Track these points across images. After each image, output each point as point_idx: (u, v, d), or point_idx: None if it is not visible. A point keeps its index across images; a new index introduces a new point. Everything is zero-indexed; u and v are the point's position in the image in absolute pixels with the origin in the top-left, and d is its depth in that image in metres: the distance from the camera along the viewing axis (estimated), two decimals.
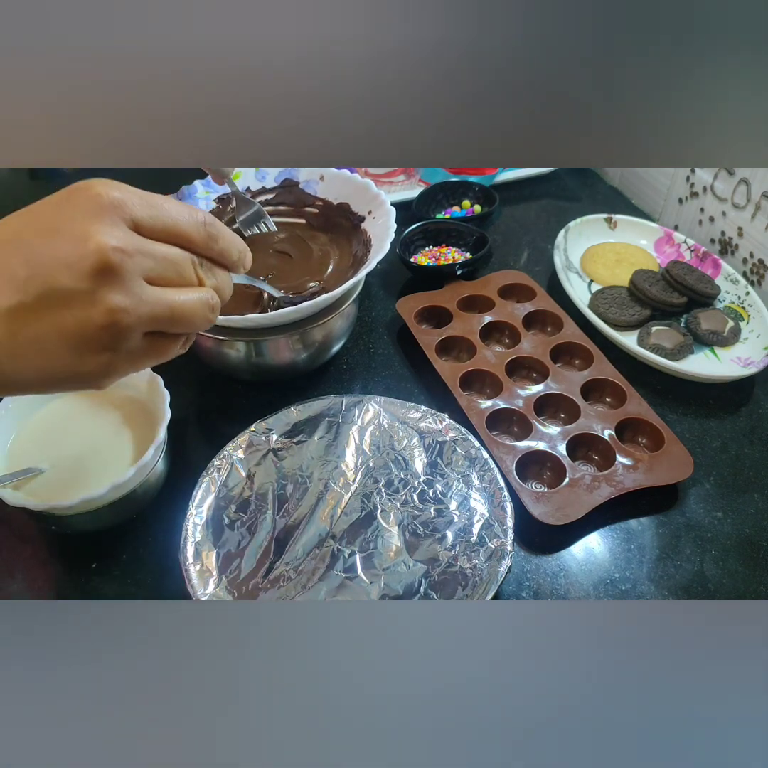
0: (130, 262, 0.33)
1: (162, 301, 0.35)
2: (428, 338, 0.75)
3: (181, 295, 0.36)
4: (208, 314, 0.37)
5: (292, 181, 0.78)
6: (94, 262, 0.32)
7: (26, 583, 0.57)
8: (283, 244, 0.73)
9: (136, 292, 0.33)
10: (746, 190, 0.83)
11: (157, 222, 0.34)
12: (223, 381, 0.73)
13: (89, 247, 0.32)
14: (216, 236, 0.37)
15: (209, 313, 0.37)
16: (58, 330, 0.33)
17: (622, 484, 0.61)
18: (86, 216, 0.32)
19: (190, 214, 0.36)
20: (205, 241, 0.37)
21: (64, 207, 0.33)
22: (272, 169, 0.78)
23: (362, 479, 0.58)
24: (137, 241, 0.34)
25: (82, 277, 0.32)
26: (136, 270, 0.33)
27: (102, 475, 0.55)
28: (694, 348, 0.77)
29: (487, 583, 0.51)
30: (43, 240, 0.32)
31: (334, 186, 0.76)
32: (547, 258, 0.89)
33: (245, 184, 0.78)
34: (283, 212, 0.77)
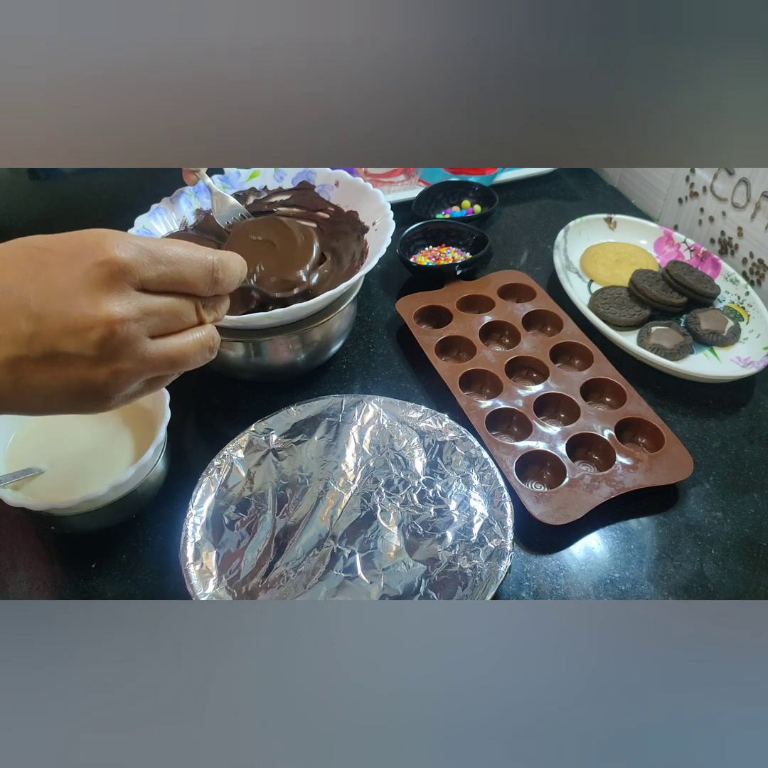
0: (135, 327, 0.34)
1: (164, 355, 0.36)
2: (428, 338, 0.75)
3: (182, 342, 0.37)
4: (207, 355, 0.39)
5: (308, 184, 0.78)
6: (101, 334, 0.32)
7: (26, 583, 0.57)
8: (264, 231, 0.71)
9: (140, 353, 0.34)
10: (746, 190, 0.83)
11: (165, 279, 0.35)
12: (223, 381, 0.73)
13: (97, 320, 0.32)
14: (222, 279, 0.38)
15: (207, 354, 0.39)
16: (61, 383, 0.33)
17: (622, 484, 0.61)
18: (95, 284, 0.33)
19: (198, 261, 0.36)
20: (211, 287, 0.37)
21: (73, 267, 0.33)
22: (290, 170, 0.78)
23: (362, 479, 0.58)
24: (144, 303, 0.34)
25: (88, 346, 0.32)
26: (141, 331, 0.34)
27: (102, 475, 0.55)
28: (694, 348, 0.77)
29: (487, 583, 0.51)
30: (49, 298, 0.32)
31: (347, 193, 0.76)
32: (547, 258, 0.89)
33: (263, 183, 0.78)
34: (296, 214, 0.78)
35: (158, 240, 0.36)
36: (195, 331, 0.38)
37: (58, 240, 0.34)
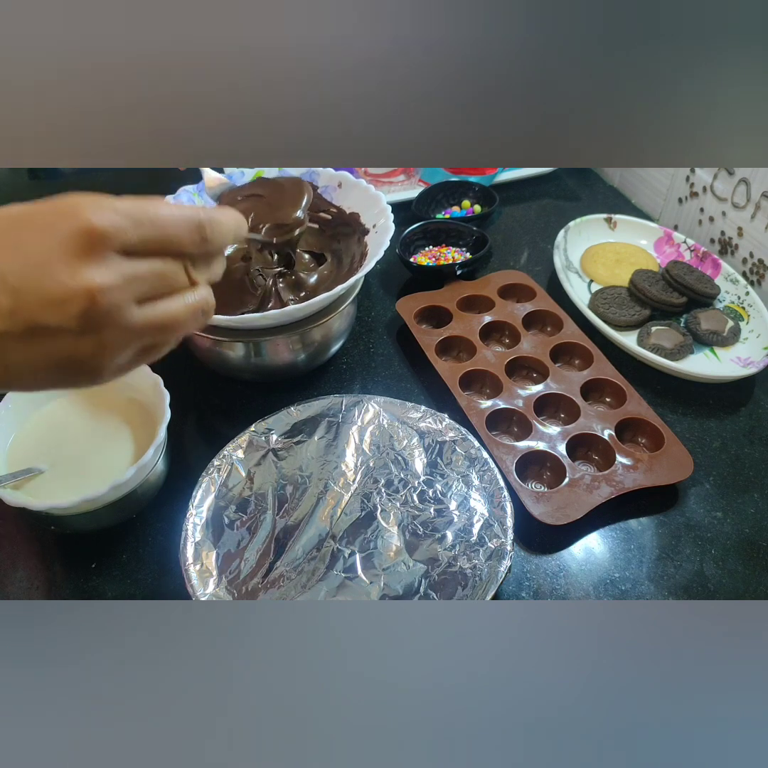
0: (118, 294, 0.32)
1: (152, 321, 0.34)
2: (428, 338, 0.75)
3: (171, 307, 0.35)
4: (200, 318, 0.37)
5: (312, 185, 0.78)
6: (82, 305, 0.31)
7: (26, 583, 0.57)
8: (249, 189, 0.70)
9: (125, 321, 0.33)
10: (746, 190, 0.83)
11: (147, 240, 0.33)
12: (223, 381, 0.73)
13: (76, 290, 0.31)
14: (211, 236, 0.36)
15: (201, 317, 0.37)
16: (46, 358, 0.32)
17: (622, 484, 0.61)
18: (73, 252, 0.31)
19: (184, 219, 0.35)
20: (198, 244, 0.35)
21: (49, 234, 0.31)
22: (294, 170, 0.78)
23: (362, 479, 0.58)
24: (126, 268, 0.32)
25: (69, 318, 0.31)
26: (125, 298, 0.32)
27: (102, 475, 0.55)
28: (694, 348, 0.77)
29: (486, 583, 0.51)
30: (26, 271, 0.31)
31: (349, 194, 0.76)
32: (547, 258, 0.89)
33: None
34: None
35: (140, 200, 0.34)
36: (186, 293, 0.36)
37: (33, 209, 0.32)
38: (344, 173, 0.76)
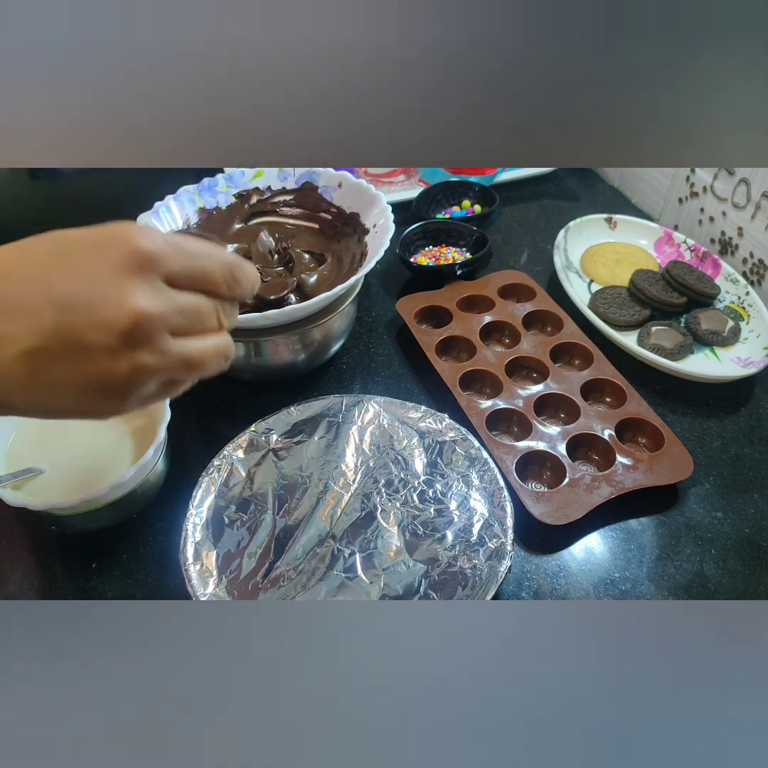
0: (159, 322, 0.33)
1: (183, 356, 0.35)
2: (428, 338, 0.75)
3: (201, 346, 0.36)
4: (222, 363, 0.38)
5: (311, 185, 0.78)
6: (126, 325, 0.31)
7: (26, 583, 0.57)
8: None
9: (161, 349, 0.33)
10: (746, 190, 0.83)
11: (188, 273, 0.34)
12: (222, 381, 0.73)
13: (123, 309, 0.31)
14: (240, 279, 0.37)
15: (223, 362, 0.38)
16: (79, 377, 0.32)
17: (622, 484, 0.61)
18: (123, 272, 0.32)
19: (219, 259, 0.36)
20: (230, 287, 0.37)
21: (100, 255, 0.32)
22: (294, 170, 0.78)
23: (362, 479, 0.58)
24: (169, 298, 0.33)
25: (111, 336, 0.31)
26: (165, 327, 0.33)
27: (102, 475, 0.55)
28: (694, 348, 0.77)
29: (487, 583, 0.51)
30: (75, 288, 0.31)
31: (349, 195, 0.76)
32: (547, 258, 0.89)
33: (267, 183, 0.78)
34: (299, 215, 0.78)
35: (178, 235, 0.35)
36: (214, 336, 0.37)
37: (86, 232, 0.33)
38: (344, 173, 0.76)
